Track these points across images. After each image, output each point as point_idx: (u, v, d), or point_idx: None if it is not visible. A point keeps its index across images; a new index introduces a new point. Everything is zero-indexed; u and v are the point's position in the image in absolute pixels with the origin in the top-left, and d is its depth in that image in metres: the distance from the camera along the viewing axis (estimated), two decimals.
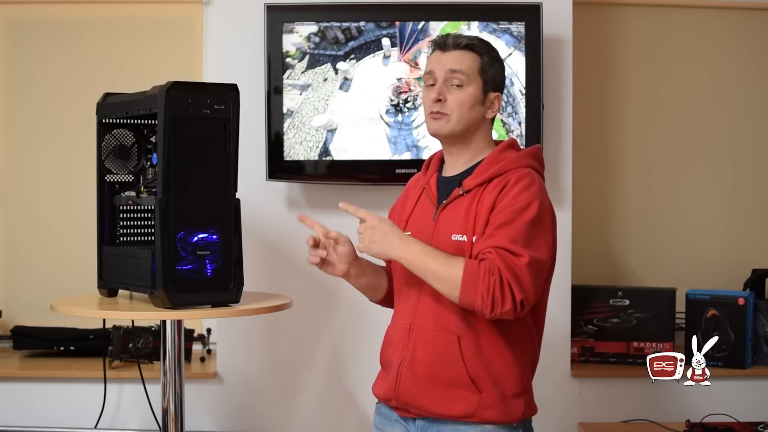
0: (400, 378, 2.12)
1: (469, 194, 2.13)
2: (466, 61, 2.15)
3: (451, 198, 2.14)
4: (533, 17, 3.05)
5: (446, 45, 2.17)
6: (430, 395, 2.10)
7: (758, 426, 2.89)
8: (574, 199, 3.23)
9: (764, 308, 3.27)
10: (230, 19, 3.18)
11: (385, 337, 2.24)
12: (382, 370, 2.25)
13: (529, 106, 3.08)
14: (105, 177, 2.70)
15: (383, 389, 2.20)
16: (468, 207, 2.11)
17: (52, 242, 3.49)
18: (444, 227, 2.12)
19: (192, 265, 2.40)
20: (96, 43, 3.48)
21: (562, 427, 3.21)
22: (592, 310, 3.31)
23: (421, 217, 2.19)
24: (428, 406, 2.10)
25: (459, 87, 2.14)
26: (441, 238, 2.11)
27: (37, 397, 3.19)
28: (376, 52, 3.09)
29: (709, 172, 3.62)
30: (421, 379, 2.10)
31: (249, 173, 2.99)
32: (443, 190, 2.18)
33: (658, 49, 3.58)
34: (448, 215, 2.13)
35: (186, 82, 2.41)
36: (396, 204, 2.34)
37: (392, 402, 2.16)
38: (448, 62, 2.14)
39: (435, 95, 2.13)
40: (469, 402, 2.09)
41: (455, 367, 2.09)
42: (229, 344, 3.20)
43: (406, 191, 2.32)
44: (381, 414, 2.25)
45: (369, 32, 3.08)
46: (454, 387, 2.09)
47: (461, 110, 2.14)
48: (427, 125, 2.18)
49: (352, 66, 3.09)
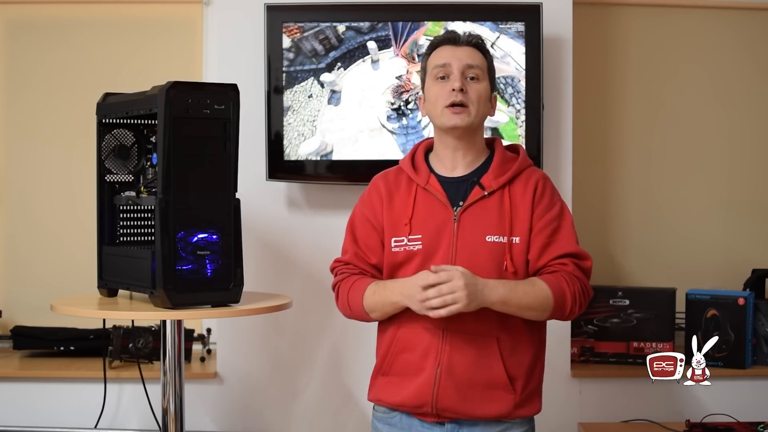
0: (439, 384, 2.08)
1: (493, 195, 2.12)
2: (478, 58, 2.16)
3: (473, 199, 2.12)
4: (533, 17, 3.05)
5: (459, 40, 2.16)
6: (469, 398, 2.09)
7: (758, 426, 2.89)
8: (574, 199, 3.23)
9: (764, 308, 3.27)
10: (230, 19, 3.18)
11: (396, 343, 2.15)
12: (391, 376, 2.17)
13: (529, 106, 3.08)
14: (105, 177, 2.70)
15: (409, 397, 2.12)
16: (499, 208, 2.11)
17: (52, 242, 3.49)
18: (472, 229, 2.10)
19: (192, 265, 2.40)
20: (96, 43, 3.48)
21: (562, 427, 3.21)
22: (592, 310, 3.30)
23: (431, 219, 2.13)
24: (466, 409, 2.10)
25: (475, 80, 2.13)
26: (469, 239, 2.08)
27: (37, 397, 3.19)
28: (363, 57, 3.05)
29: (709, 171, 3.62)
30: (460, 383, 2.09)
31: (249, 173, 2.99)
32: (454, 191, 2.15)
33: (658, 49, 3.58)
34: (474, 216, 2.11)
35: (186, 82, 2.41)
36: (369, 205, 2.21)
37: (425, 408, 2.11)
38: (464, 56, 2.13)
39: (459, 84, 2.10)
40: (505, 402, 2.11)
41: (494, 368, 2.10)
42: (229, 344, 3.19)
43: (385, 192, 2.20)
44: (393, 425, 2.18)
45: (350, 39, 3.01)
46: (492, 388, 2.10)
47: (479, 103, 2.14)
48: (443, 119, 2.13)
49: (339, 76, 3.04)
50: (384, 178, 2.24)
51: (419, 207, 2.16)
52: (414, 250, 2.12)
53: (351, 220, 2.26)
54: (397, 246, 2.14)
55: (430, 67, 2.18)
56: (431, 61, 2.18)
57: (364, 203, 2.24)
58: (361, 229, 2.21)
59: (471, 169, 2.17)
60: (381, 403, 2.20)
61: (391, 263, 2.15)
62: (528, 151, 3.06)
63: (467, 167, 2.17)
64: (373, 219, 2.19)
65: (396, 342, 2.15)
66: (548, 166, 3.14)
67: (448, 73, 2.13)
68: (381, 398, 2.19)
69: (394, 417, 2.18)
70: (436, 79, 2.14)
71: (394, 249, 2.15)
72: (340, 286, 2.22)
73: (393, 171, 2.25)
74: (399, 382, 2.15)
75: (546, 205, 2.13)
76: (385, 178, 2.24)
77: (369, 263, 2.20)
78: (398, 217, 2.16)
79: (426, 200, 2.16)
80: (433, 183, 2.16)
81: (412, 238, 2.13)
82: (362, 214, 2.22)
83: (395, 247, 2.15)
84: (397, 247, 2.14)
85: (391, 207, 2.18)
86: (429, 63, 2.19)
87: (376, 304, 2.13)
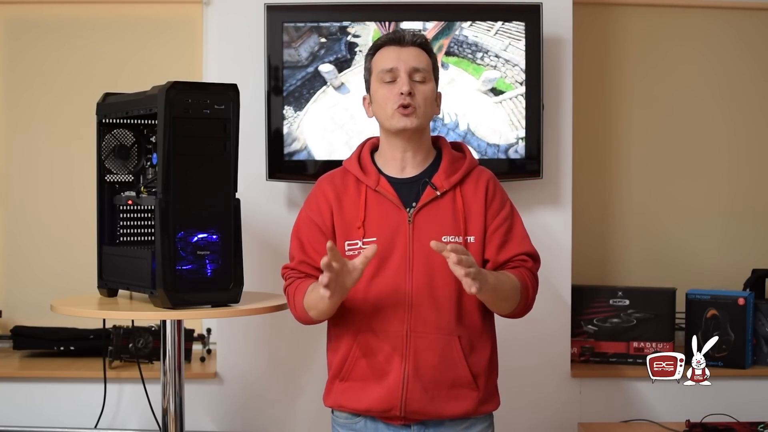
0: (407, 387, 2.09)
1: (445, 195, 2.14)
2: (424, 59, 2.16)
3: (427, 200, 2.13)
4: (533, 17, 3.05)
5: (404, 41, 2.15)
6: (437, 399, 2.10)
7: (758, 426, 2.89)
8: (574, 199, 3.23)
9: (764, 308, 3.27)
10: (230, 19, 3.17)
11: (355, 348, 2.12)
12: (351, 381, 2.14)
13: (529, 106, 3.08)
14: (105, 177, 2.70)
15: (375, 401, 2.11)
16: (452, 208, 2.13)
17: (52, 242, 3.49)
18: (427, 229, 2.10)
19: (192, 265, 2.40)
20: (96, 43, 3.48)
21: (562, 427, 3.21)
22: (592, 310, 3.30)
23: (385, 221, 2.12)
24: (434, 410, 2.11)
25: (422, 82, 2.14)
26: (426, 240, 2.05)
27: (37, 397, 3.19)
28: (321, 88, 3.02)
29: (709, 172, 3.61)
30: (428, 384, 2.10)
31: (249, 173, 2.99)
32: (406, 192, 2.14)
33: (658, 49, 3.58)
34: (428, 217, 2.12)
35: (186, 82, 2.41)
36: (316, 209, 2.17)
37: (393, 412, 2.11)
38: (409, 59, 2.13)
39: (407, 88, 2.10)
40: (470, 399, 2.13)
41: (459, 367, 2.11)
42: (229, 344, 3.19)
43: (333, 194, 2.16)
44: (357, 430, 2.17)
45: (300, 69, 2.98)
46: (457, 387, 2.12)
47: (426, 104, 2.14)
48: (392, 122, 2.12)
49: (338, 77, 3.03)
50: (330, 181, 2.20)
51: (371, 209, 2.14)
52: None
53: (297, 224, 2.23)
54: (351, 249, 2.13)
55: (375, 69, 2.16)
56: (377, 64, 2.16)
57: (310, 207, 2.20)
58: (308, 234, 2.18)
59: (421, 169, 2.18)
60: (343, 409, 2.19)
61: None
62: (528, 151, 3.07)
63: (417, 167, 2.18)
64: (321, 223, 2.17)
65: (356, 347, 2.13)
66: (548, 166, 3.14)
67: (396, 77, 2.12)
68: (342, 404, 2.18)
69: (358, 422, 2.18)
70: (383, 83, 2.13)
71: (348, 252, 2.12)
72: (288, 290, 2.21)
73: (338, 172, 2.22)
74: (361, 387, 2.13)
75: (498, 205, 2.17)
76: (331, 180, 2.21)
77: (316, 267, 2.15)
78: (350, 220, 2.14)
79: (377, 202, 2.14)
80: (383, 184, 2.15)
81: (366, 241, 2.11)
82: (309, 218, 2.19)
83: (349, 250, 2.13)
84: (351, 250, 2.12)
85: (341, 210, 2.15)
86: (374, 65, 2.17)
87: (312, 301, 2.09)
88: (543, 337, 3.19)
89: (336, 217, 2.15)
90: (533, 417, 3.22)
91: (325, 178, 2.23)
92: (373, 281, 2.10)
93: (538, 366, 3.20)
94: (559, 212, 3.18)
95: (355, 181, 2.18)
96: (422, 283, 2.09)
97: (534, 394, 3.21)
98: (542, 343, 3.19)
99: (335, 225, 2.15)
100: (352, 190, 2.16)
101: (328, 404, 2.24)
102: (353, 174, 2.18)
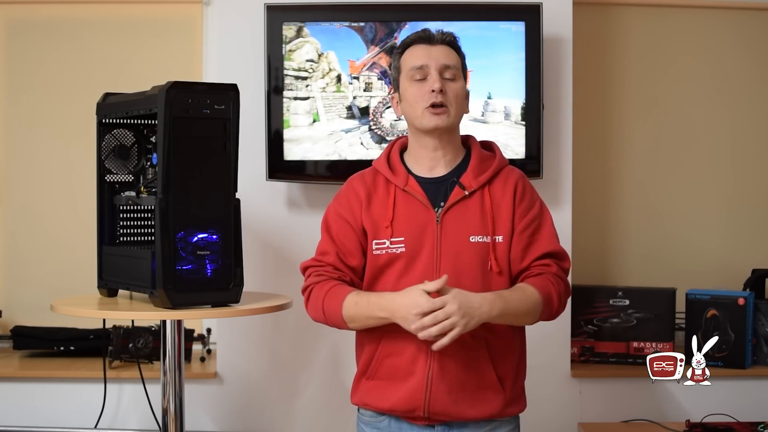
0: (431, 388, 2.08)
1: (473, 195, 2.12)
2: (453, 56, 2.14)
3: (455, 199, 2.12)
4: (533, 17, 3.05)
5: (434, 39, 2.13)
6: (461, 400, 2.10)
7: (758, 426, 2.89)
8: (574, 199, 3.23)
9: (764, 308, 3.27)
10: (230, 19, 3.18)
11: (381, 348, 2.13)
12: (377, 380, 2.15)
13: (529, 106, 3.08)
14: (105, 177, 2.70)
15: (399, 401, 2.11)
16: (480, 208, 2.11)
17: (52, 242, 3.49)
18: (455, 229, 2.09)
19: (192, 265, 2.40)
20: (96, 43, 3.48)
21: (562, 427, 3.21)
22: (592, 310, 3.31)
23: (413, 220, 2.11)
24: (458, 411, 2.10)
25: (452, 80, 2.12)
26: (453, 240, 2.07)
27: (37, 397, 3.19)
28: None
29: (709, 171, 3.61)
30: (453, 386, 2.09)
31: (249, 173, 2.99)
32: (434, 191, 2.13)
33: (657, 49, 3.58)
34: (456, 217, 2.10)
35: (186, 82, 2.41)
36: (346, 206, 2.17)
37: (417, 412, 2.10)
38: (439, 56, 2.11)
39: (438, 85, 2.08)
40: (496, 401, 2.13)
41: (485, 369, 2.11)
42: (229, 344, 3.19)
43: (364, 193, 2.16)
44: (381, 429, 2.17)
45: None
46: (482, 389, 2.11)
47: (458, 103, 2.13)
48: (423, 120, 2.10)
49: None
50: (361, 180, 2.20)
51: (400, 209, 2.13)
52: (397, 253, 2.10)
53: (325, 220, 2.20)
54: (379, 249, 2.12)
55: (405, 67, 2.14)
56: (406, 62, 2.14)
57: (340, 203, 2.19)
58: (338, 230, 2.17)
59: (450, 168, 2.16)
60: (368, 407, 2.19)
61: (374, 266, 2.13)
62: (528, 151, 3.07)
63: (446, 166, 2.16)
64: (352, 220, 2.16)
65: (382, 347, 2.13)
66: (548, 165, 3.14)
67: (426, 75, 2.11)
68: (368, 402, 2.17)
69: (383, 421, 2.17)
70: (413, 81, 2.12)
71: (376, 252, 2.12)
72: (314, 289, 2.16)
73: (369, 172, 2.21)
74: (387, 386, 2.13)
75: (527, 205, 2.14)
76: (362, 179, 2.20)
77: (348, 265, 2.15)
78: (378, 219, 2.13)
79: (406, 202, 2.13)
80: (412, 184, 2.14)
81: (394, 240, 2.10)
82: (339, 215, 2.18)
83: (376, 249, 2.12)
84: (379, 249, 2.12)
85: (370, 209, 2.15)
86: (404, 63, 2.15)
87: (357, 316, 2.08)
88: (543, 337, 3.17)
89: (365, 215, 2.14)
90: (533, 417, 3.20)
91: (356, 177, 2.22)
92: (400, 281, 2.09)
93: (538, 366, 3.18)
94: (559, 212, 3.17)
95: (384, 181, 2.17)
96: (449, 283, 2.05)
97: (534, 394, 3.19)
98: (542, 343, 3.18)
99: (364, 223, 2.14)
100: (381, 190, 2.16)
101: (354, 402, 2.22)
102: (382, 174, 2.18)
